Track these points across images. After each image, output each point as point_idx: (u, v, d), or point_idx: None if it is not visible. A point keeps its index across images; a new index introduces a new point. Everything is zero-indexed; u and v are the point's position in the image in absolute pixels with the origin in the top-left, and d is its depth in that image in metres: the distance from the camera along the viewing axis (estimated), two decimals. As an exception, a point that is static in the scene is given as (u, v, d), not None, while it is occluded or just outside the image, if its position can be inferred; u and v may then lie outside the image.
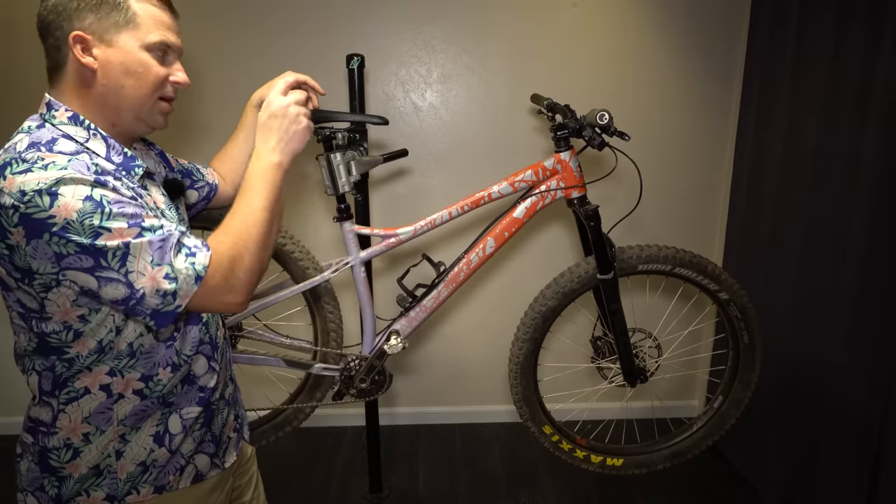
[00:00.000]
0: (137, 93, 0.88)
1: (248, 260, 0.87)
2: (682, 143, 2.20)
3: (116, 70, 0.86)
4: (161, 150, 1.12)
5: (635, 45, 2.10)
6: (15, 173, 0.75)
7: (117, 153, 0.88)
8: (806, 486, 1.81)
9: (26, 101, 2.06)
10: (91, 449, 0.89)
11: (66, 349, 0.85)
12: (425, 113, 2.15)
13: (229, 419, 1.07)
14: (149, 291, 0.79)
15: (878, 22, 1.52)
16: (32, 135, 0.82)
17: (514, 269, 2.28)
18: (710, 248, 2.30)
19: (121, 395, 0.89)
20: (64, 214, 0.74)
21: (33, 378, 0.88)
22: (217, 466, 1.02)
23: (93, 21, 0.83)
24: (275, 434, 1.59)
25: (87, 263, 0.76)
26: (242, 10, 2.01)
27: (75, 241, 0.75)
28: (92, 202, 0.75)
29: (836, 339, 1.67)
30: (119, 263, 0.77)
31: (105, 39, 0.84)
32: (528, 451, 2.24)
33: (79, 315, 0.83)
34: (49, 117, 0.85)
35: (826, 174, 1.70)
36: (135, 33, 0.86)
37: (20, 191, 0.73)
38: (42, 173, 0.75)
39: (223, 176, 1.27)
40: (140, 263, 0.78)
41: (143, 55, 0.87)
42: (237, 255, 0.86)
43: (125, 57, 0.86)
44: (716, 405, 1.71)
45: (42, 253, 0.75)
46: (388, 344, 1.49)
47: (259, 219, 0.90)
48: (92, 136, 0.86)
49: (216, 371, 1.01)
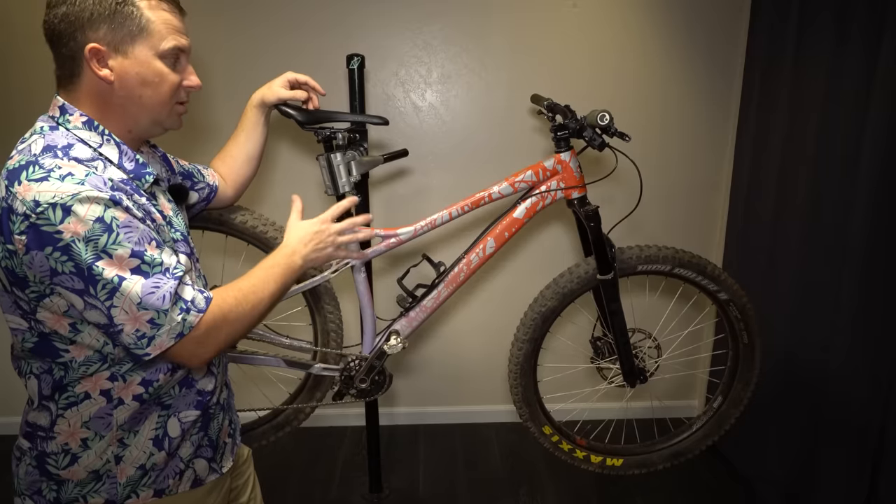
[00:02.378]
0: (155, 101, 0.89)
1: (236, 328, 0.91)
2: (682, 144, 2.20)
3: (133, 81, 0.86)
4: (164, 152, 1.12)
5: (635, 45, 2.10)
6: (31, 180, 0.75)
7: (129, 159, 0.89)
8: (806, 486, 1.82)
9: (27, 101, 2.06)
10: (90, 454, 0.88)
11: (64, 353, 0.85)
12: (425, 113, 2.15)
13: (224, 424, 1.07)
14: (128, 329, 0.79)
15: (878, 22, 1.52)
16: (47, 137, 0.82)
17: (514, 269, 2.28)
18: (710, 248, 2.30)
19: (121, 400, 0.88)
20: (72, 231, 0.74)
21: (32, 382, 0.88)
22: (215, 471, 1.03)
23: (107, 32, 0.83)
24: (274, 434, 1.59)
25: (77, 286, 0.77)
26: (242, 10, 2.01)
27: (75, 260, 0.75)
28: (102, 224, 0.76)
29: (836, 338, 1.67)
30: (106, 296, 0.77)
31: (120, 50, 0.84)
32: (528, 451, 2.24)
33: (69, 324, 0.83)
34: (63, 121, 0.85)
35: (826, 174, 1.70)
36: (149, 41, 0.86)
37: (34, 200, 0.73)
38: (59, 185, 0.75)
39: (223, 176, 1.27)
40: (126, 302, 0.78)
41: (158, 64, 0.87)
42: (232, 320, 0.89)
43: (141, 68, 0.86)
44: (715, 405, 1.71)
45: (38, 265, 0.76)
46: (388, 344, 1.49)
47: (263, 302, 0.96)
48: (105, 141, 0.86)
49: (215, 375, 1.01)
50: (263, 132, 1.30)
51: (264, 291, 0.96)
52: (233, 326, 0.90)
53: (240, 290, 0.93)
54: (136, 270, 0.79)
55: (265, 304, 0.96)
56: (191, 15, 0.98)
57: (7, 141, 1.04)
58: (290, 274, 1.05)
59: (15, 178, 0.76)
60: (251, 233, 1.41)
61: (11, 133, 0.93)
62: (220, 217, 1.37)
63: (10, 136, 1.05)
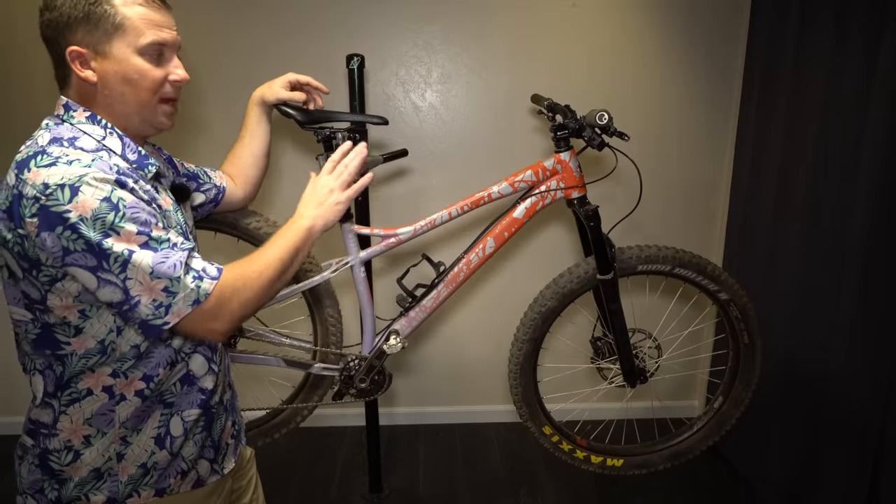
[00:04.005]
0: (137, 99, 0.89)
1: (246, 296, 0.90)
2: (682, 144, 2.20)
3: (114, 80, 0.87)
4: (169, 155, 1.13)
5: (635, 45, 2.10)
6: (40, 166, 0.78)
7: (132, 151, 0.90)
8: (806, 487, 1.81)
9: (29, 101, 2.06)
10: (92, 451, 0.89)
11: (65, 345, 0.85)
12: (425, 113, 2.15)
13: (227, 425, 1.07)
14: (144, 300, 0.80)
15: (878, 22, 1.52)
16: (52, 131, 0.85)
17: (513, 269, 2.28)
18: (710, 248, 2.30)
19: (123, 396, 0.89)
20: (80, 210, 0.76)
21: (36, 378, 0.88)
22: (216, 472, 1.03)
23: (84, 34, 0.84)
24: (274, 434, 1.59)
25: (90, 262, 0.78)
26: (242, 11, 2.01)
27: (85, 237, 0.77)
28: (108, 203, 0.78)
29: (836, 338, 1.67)
30: (120, 269, 0.79)
31: (100, 51, 0.86)
32: (528, 451, 2.24)
33: (80, 310, 0.83)
34: (67, 117, 0.88)
35: (826, 174, 1.70)
36: (126, 39, 0.86)
37: (44, 183, 0.76)
38: (67, 168, 0.77)
39: (232, 178, 1.28)
40: (139, 273, 0.79)
41: (138, 61, 0.88)
42: (240, 287, 0.89)
43: (120, 66, 0.87)
44: (716, 405, 1.71)
45: (51, 245, 0.77)
46: (388, 344, 1.49)
47: (271, 266, 0.94)
48: (108, 134, 0.88)
49: (216, 373, 1.01)
50: (266, 130, 1.31)
51: (271, 255, 0.96)
52: (244, 295, 0.89)
53: (247, 259, 0.94)
54: (145, 245, 0.80)
55: (274, 269, 0.94)
56: (191, 17, 0.98)
57: (7, 141, 1.04)
58: (297, 235, 1.02)
59: (24, 166, 0.79)
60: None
61: (12, 134, 0.93)
62: (234, 221, 1.38)
63: (10, 136, 1.05)
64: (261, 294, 0.92)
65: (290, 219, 1.05)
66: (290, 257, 0.98)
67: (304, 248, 1.02)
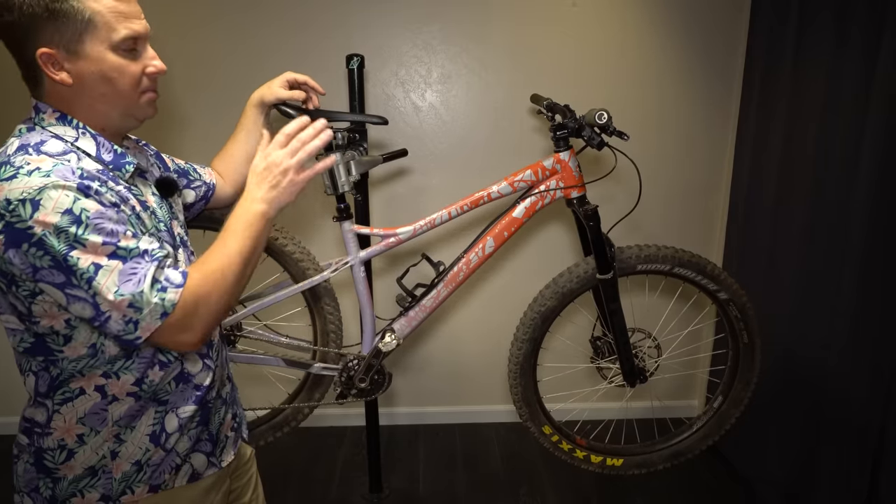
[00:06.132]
0: (118, 96, 0.87)
1: (213, 301, 0.86)
2: (681, 143, 2.20)
3: (92, 80, 0.84)
4: (157, 151, 1.12)
5: (635, 44, 2.10)
6: (2, 180, 0.76)
7: (107, 151, 0.88)
8: (806, 486, 1.81)
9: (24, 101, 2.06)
10: (85, 450, 0.89)
11: (58, 353, 0.85)
12: (425, 113, 2.15)
13: (227, 418, 1.07)
14: (115, 316, 0.79)
15: (878, 22, 1.52)
16: (22, 138, 0.83)
17: (513, 268, 2.28)
18: (709, 248, 2.30)
19: (115, 397, 0.89)
20: (42, 225, 0.74)
21: (30, 379, 0.88)
22: (214, 465, 1.02)
23: (53, 33, 0.80)
24: (274, 434, 1.59)
25: (58, 279, 0.77)
26: (242, 11, 2.01)
27: (51, 253, 0.75)
28: (70, 215, 0.75)
29: (836, 338, 1.67)
30: (87, 284, 0.77)
31: (72, 50, 0.82)
32: (528, 451, 2.24)
33: (65, 319, 0.83)
34: (38, 120, 0.86)
35: (826, 174, 1.70)
36: (99, 35, 0.82)
37: (6, 199, 0.74)
38: (26, 180, 0.75)
39: (223, 175, 1.27)
40: (104, 288, 0.77)
41: (114, 58, 0.84)
42: (205, 294, 0.84)
43: (96, 66, 0.83)
44: (715, 405, 1.71)
45: (19, 263, 0.76)
46: (383, 341, 1.49)
47: (233, 263, 0.88)
48: (81, 134, 0.86)
49: (211, 369, 1.01)
50: (262, 130, 1.30)
51: (231, 249, 0.89)
52: (209, 299, 0.85)
53: (204, 257, 0.89)
54: (113, 256, 0.78)
55: (236, 265, 0.88)
56: (191, 17, 0.97)
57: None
58: (254, 224, 0.92)
59: None
60: None
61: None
62: (223, 216, 1.37)
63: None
64: (227, 295, 0.88)
65: (241, 200, 0.95)
66: (250, 250, 0.91)
67: (262, 237, 0.94)
